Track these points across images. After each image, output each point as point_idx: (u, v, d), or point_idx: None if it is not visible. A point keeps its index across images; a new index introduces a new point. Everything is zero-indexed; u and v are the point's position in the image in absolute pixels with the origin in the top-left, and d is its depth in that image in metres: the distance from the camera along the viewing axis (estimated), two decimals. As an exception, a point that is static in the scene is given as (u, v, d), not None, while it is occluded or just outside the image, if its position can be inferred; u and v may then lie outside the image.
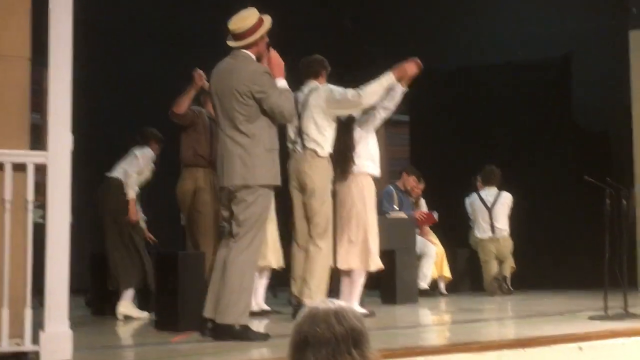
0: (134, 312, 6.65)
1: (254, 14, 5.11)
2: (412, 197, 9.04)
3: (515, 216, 9.26)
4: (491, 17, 10.47)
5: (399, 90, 6.22)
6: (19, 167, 4.13)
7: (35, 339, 4.07)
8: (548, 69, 10.41)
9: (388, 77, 6.07)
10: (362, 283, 6.45)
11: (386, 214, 8.25)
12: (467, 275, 9.70)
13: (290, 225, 7.01)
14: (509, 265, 9.23)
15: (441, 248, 9.07)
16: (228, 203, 5.08)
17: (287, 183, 6.06)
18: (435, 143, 10.63)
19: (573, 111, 10.31)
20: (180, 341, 5.13)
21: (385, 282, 7.75)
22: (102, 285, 6.81)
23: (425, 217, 8.99)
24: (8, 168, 4.09)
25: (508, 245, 9.21)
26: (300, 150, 6.06)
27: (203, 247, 6.32)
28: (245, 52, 5.10)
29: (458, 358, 4.55)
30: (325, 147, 5.99)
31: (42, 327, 4.07)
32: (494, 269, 9.10)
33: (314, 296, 5.88)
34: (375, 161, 6.44)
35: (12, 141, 4.17)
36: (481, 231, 9.29)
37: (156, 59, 9.49)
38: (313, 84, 6.19)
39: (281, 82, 5.09)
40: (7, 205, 4.07)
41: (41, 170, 4.18)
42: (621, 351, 5.06)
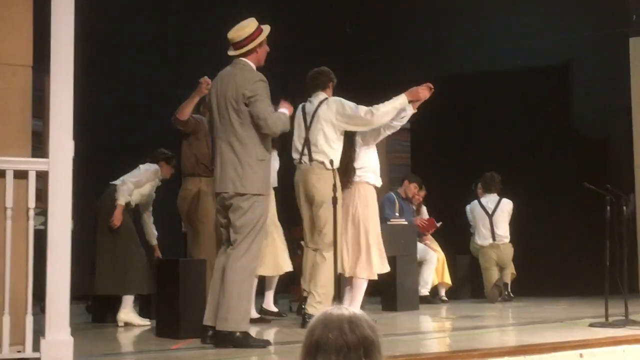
0: (135, 320, 6.64)
1: (253, 24, 5.18)
2: (413, 204, 9.06)
3: (515, 223, 9.25)
4: (492, 25, 10.48)
5: (409, 112, 6.29)
6: (21, 174, 4.13)
7: (36, 346, 4.07)
8: (548, 76, 10.41)
9: (402, 100, 6.13)
10: (364, 290, 6.47)
11: (387, 221, 8.26)
12: (468, 282, 9.70)
13: (294, 231, 7.07)
14: (510, 272, 9.23)
15: (442, 254, 9.07)
16: (223, 210, 5.11)
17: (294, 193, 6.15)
18: (436, 150, 10.64)
19: (573, 118, 10.31)
20: (180, 348, 5.13)
21: (386, 289, 7.75)
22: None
23: (426, 224, 8.99)
24: (9, 175, 4.10)
25: (509, 252, 9.20)
26: (307, 161, 6.11)
27: (204, 255, 6.31)
28: (244, 60, 5.16)
29: (459, 365, 4.56)
30: (334, 160, 6.00)
31: (43, 334, 4.07)
32: (495, 276, 9.10)
33: (319, 307, 5.89)
34: (376, 172, 6.48)
35: (14, 148, 4.18)
36: (482, 238, 9.28)
37: (158, 67, 9.51)
38: (322, 96, 6.23)
39: (285, 110, 5.18)
40: (9, 212, 4.08)
41: (42, 176, 4.19)
42: (622, 358, 5.06)
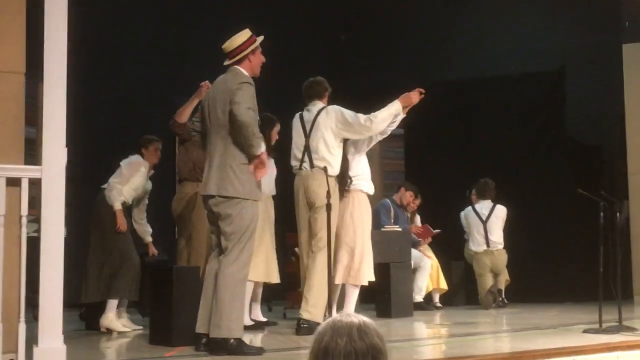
0: (117, 326, 6.49)
1: (245, 34, 5.25)
2: (408, 212, 9.06)
3: (509, 229, 9.26)
4: (486, 32, 10.51)
5: (400, 117, 6.36)
6: (13, 182, 4.13)
7: (29, 354, 4.06)
8: (542, 83, 10.45)
9: (397, 106, 6.23)
10: (356, 296, 6.49)
11: (382, 227, 8.26)
12: (462, 288, 9.70)
13: (290, 237, 7.06)
14: (504, 278, 9.23)
15: (436, 261, 9.07)
16: (211, 214, 5.12)
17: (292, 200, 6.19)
18: (430, 156, 10.65)
19: (567, 124, 10.35)
20: (174, 356, 5.11)
21: (380, 296, 7.74)
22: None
23: (422, 231, 9.00)
24: (2, 182, 4.09)
25: (503, 258, 9.21)
26: (308, 168, 6.18)
27: (198, 262, 6.29)
28: (237, 68, 5.21)
29: (453, 372, 4.56)
30: (334, 167, 6.12)
31: (36, 342, 4.06)
32: (489, 282, 9.10)
33: (313, 311, 5.90)
34: (369, 180, 6.57)
35: (7, 156, 4.18)
36: (476, 244, 9.29)
37: (152, 74, 9.50)
38: (319, 104, 6.33)
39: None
40: (1, 219, 4.07)
41: (35, 184, 4.18)
42: (616, 364, 5.07)
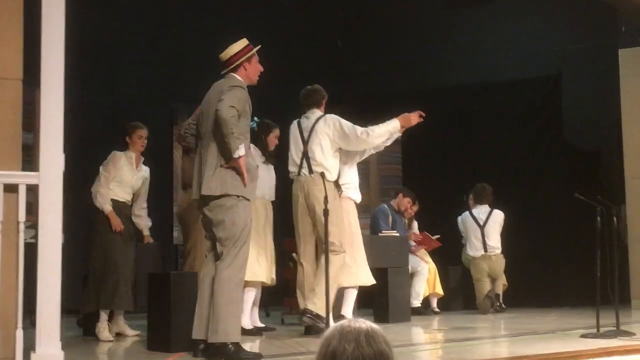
0: (104, 336, 6.32)
1: (241, 43, 5.27)
2: (405, 218, 9.06)
3: (507, 234, 9.27)
4: (482, 37, 10.54)
5: (396, 136, 6.49)
6: (11, 188, 4.12)
7: (26, 361, 4.06)
8: (539, 88, 10.47)
9: (395, 125, 6.36)
10: (354, 299, 6.56)
11: (379, 233, 8.26)
12: (460, 293, 9.70)
13: (287, 243, 7.06)
14: (502, 283, 9.23)
15: (433, 265, 9.08)
16: (204, 218, 5.12)
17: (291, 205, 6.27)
18: (427, 161, 10.66)
19: (564, 129, 10.36)
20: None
21: (377, 301, 7.74)
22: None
23: (421, 239, 9.02)
24: (-1, 189, 4.09)
25: (500, 263, 9.21)
26: (307, 173, 6.27)
27: (201, 267, 6.26)
28: (233, 74, 5.21)
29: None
30: (332, 173, 6.24)
31: (34, 349, 4.05)
32: (487, 287, 9.10)
33: (319, 303, 5.93)
34: (357, 188, 6.70)
35: (4, 162, 4.17)
36: (473, 249, 9.29)
37: (150, 79, 9.50)
38: (318, 113, 6.43)
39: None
40: (-1, 226, 4.07)
41: (33, 190, 4.18)
42: (613, 369, 5.07)
